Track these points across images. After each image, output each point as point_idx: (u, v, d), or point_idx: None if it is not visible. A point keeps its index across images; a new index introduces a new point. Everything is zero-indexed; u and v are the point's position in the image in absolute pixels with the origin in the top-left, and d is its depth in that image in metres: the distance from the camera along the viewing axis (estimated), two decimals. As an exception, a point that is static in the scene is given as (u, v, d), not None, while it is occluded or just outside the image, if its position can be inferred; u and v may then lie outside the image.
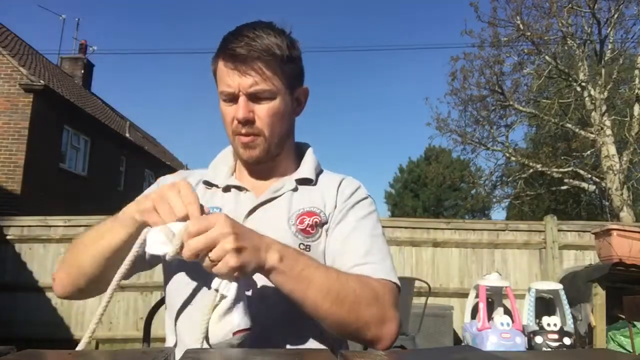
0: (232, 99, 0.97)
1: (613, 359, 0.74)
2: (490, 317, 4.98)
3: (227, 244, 0.75)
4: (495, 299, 5.44)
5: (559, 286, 5.10)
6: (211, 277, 0.79)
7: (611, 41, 12.11)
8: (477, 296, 5.16)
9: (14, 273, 6.27)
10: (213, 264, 0.76)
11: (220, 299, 0.78)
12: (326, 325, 0.86)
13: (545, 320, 4.90)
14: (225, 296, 0.78)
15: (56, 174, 11.44)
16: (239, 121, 0.96)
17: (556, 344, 4.66)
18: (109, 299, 0.81)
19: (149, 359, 0.58)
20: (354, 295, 0.84)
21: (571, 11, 11.93)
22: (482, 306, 4.92)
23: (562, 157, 13.69)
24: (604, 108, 11.87)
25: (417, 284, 4.56)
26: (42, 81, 10.53)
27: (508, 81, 13.29)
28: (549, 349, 4.53)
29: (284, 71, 0.98)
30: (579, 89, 12.27)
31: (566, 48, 12.75)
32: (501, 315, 5.00)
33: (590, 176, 12.68)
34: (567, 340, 4.69)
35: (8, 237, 6.34)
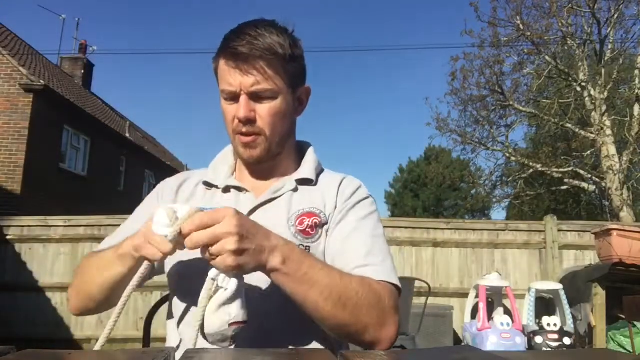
0: (233, 97, 0.96)
1: (613, 359, 0.74)
2: (490, 317, 4.98)
3: (228, 245, 0.75)
4: (495, 299, 5.44)
5: (559, 286, 5.10)
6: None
7: (611, 41, 12.11)
8: (477, 296, 5.15)
9: (14, 273, 6.26)
10: (212, 257, 0.76)
11: (217, 290, 0.79)
12: (326, 326, 0.86)
13: (545, 320, 4.90)
14: (224, 288, 0.78)
15: (56, 174, 11.43)
16: (240, 120, 0.96)
17: (556, 344, 4.65)
18: (117, 317, 0.86)
19: (148, 359, 0.58)
20: (356, 298, 0.84)
21: (571, 11, 11.92)
22: (482, 306, 4.92)
23: (562, 157, 13.69)
24: (604, 108, 11.87)
25: (417, 284, 4.55)
26: (42, 81, 10.53)
27: (508, 81, 13.31)
28: (549, 349, 4.53)
29: (286, 70, 0.97)
30: (579, 89, 12.26)
31: (566, 48, 12.75)
32: (501, 315, 4.99)
33: (590, 176, 12.67)
34: (567, 340, 4.69)
35: (8, 237, 6.34)
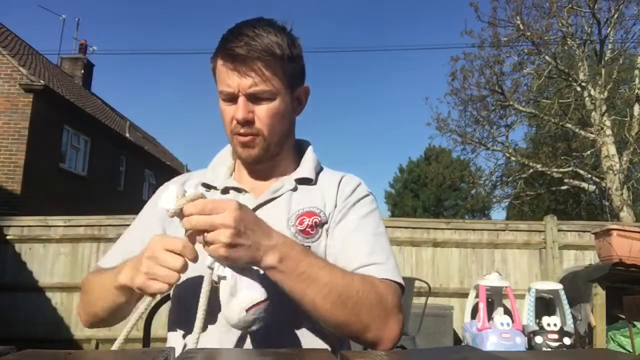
0: (231, 98, 0.96)
1: (613, 359, 0.74)
2: (490, 317, 4.97)
3: (222, 236, 0.75)
4: (495, 299, 5.44)
5: (559, 286, 5.09)
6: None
7: (611, 41, 12.10)
8: (477, 296, 5.15)
9: (14, 273, 6.27)
10: (206, 244, 0.77)
11: (219, 280, 0.79)
12: (326, 325, 0.86)
13: (545, 320, 4.89)
14: (224, 277, 0.79)
15: (56, 174, 11.43)
16: (238, 121, 0.95)
17: (556, 344, 4.65)
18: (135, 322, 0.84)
19: (148, 359, 0.58)
20: (356, 297, 0.84)
21: (571, 11, 11.91)
22: (482, 306, 4.91)
23: (562, 157, 13.68)
24: (604, 108, 11.86)
25: (417, 284, 4.55)
26: (42, 81, 10.53)
27: (508, 81, 13.31)
28: (549, 349, 4.52)
29: (285, 71, 0.96)
30: (579, 89, 12.26)
31: (566, 48, 12.74)
32: (501, 315, 4.99)
33: (590, 176, 12.67)
34: (567, 340, 4.69)
35: (8, 237, 6.34)
